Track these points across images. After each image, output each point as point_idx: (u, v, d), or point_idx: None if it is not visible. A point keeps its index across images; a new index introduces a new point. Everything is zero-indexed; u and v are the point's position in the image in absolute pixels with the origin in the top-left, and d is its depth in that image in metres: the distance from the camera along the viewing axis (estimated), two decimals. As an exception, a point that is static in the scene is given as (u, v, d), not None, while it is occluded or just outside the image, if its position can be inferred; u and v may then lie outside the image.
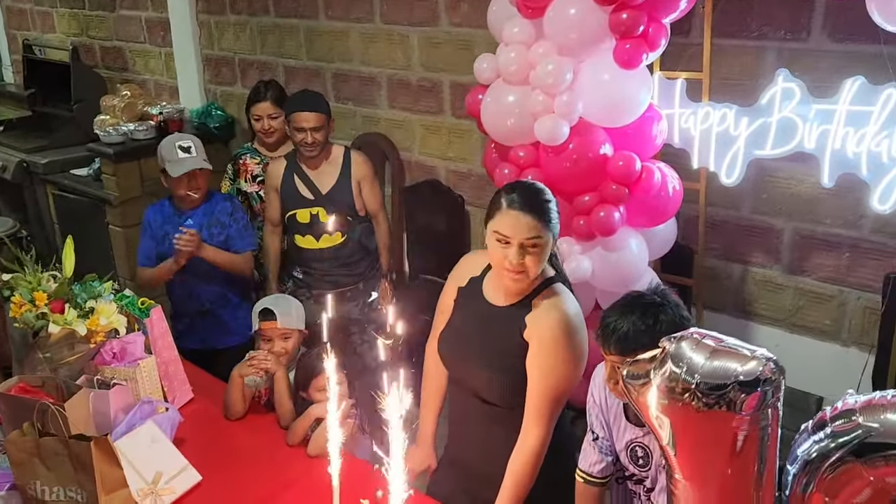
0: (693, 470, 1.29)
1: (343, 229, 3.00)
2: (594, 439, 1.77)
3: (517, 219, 1.68)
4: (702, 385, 1.19)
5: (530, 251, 1.67)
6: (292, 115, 2.90)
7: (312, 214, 2.96)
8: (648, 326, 1.54)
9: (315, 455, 2.11)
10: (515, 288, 1.75)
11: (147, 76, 5.35)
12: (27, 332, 2.07)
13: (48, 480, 1.80)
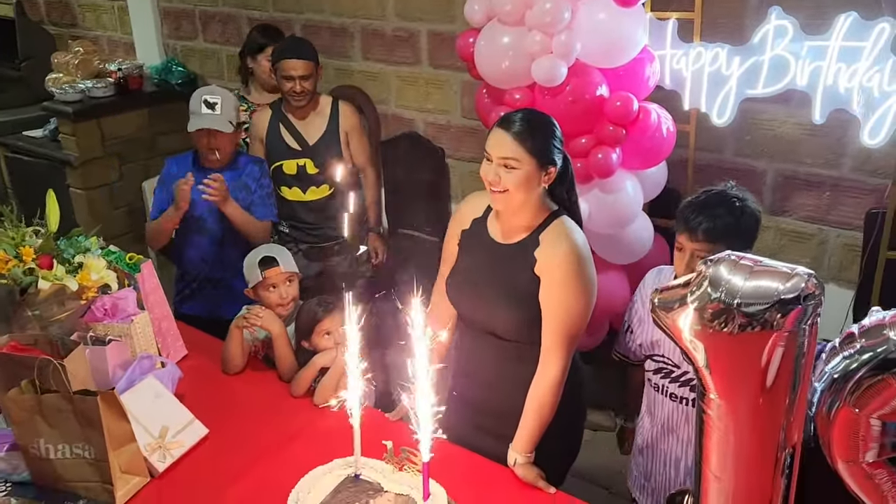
0: (728, 389, 1.31)
1: (330, 181, 2.93)
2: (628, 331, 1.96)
3: (498, 136, 1.72)
4: (743, 305, 1.21)
5: (506, 171, 1.70)
6: (280, 63, 2.79)
7: (299, 166, 2.89)
8: (736, 218, 1.70)
9: (321, 404, 2.09)
10: (514, 220, 1.77)
11: (99, 32, 5.11)
12: (14, 289, 1.98)
13: (52, 438, 1.74)
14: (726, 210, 1.73)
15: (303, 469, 1.76)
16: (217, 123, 2.52)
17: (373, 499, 1.60)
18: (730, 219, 1.72)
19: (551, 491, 1.73)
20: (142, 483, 1.81)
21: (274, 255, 2.26)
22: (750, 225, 1.77)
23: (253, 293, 2.30)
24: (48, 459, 1.75)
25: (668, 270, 1.98)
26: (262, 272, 2.24)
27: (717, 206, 1.75)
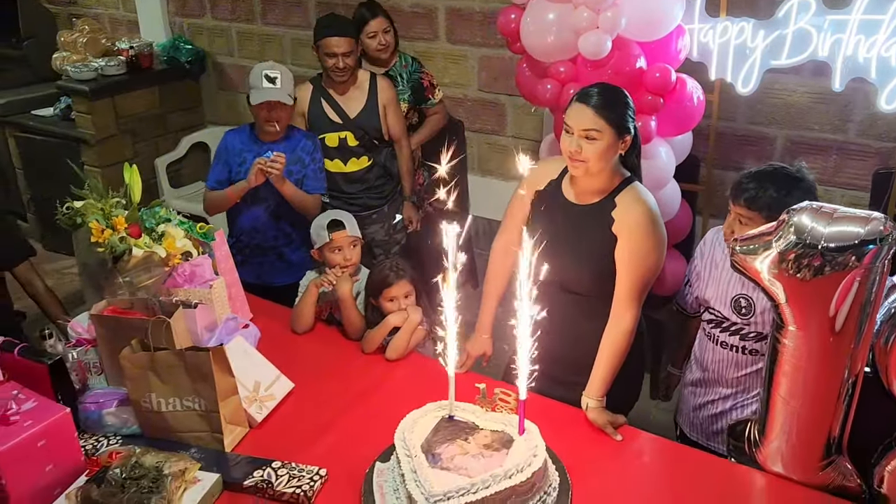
0: (804, 321, 1.50)
1: (370, 153, 3.07)
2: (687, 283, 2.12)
3: (579, 110, 1.87)
4: (827, 248, 1.39)
5: (587, 142, 1.85)
6: (323, 41, 2.90)
7: (341, 138, 3.01)
8: (781, 195, 1.82)
9: (394, 359, 2.25)
10: (591, 184, 1.93)
11: (100, 10, 5.10)
12: (107, 258, 2.09)
13: (163, 392, 1.87)
14: (774, 185, 1.85)
15: (388, 417, 1.90)
16: (278, 96, 2.63)
17: (471, 435, 1.76)
18: (773, 192, 1.84)
19: (618, 438, 1.92)
20: (243, 433, 1.96)
21: (342, 220, 2.40)
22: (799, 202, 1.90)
23: (318, 254, 2.44)
24: (159, 412, 1.88)
25: None
26: (330, 234, 2.37)
27: (767, 179, 1.87)
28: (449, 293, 1.70)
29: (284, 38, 4.34)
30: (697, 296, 2.13)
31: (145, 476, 1.66)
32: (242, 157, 2.73)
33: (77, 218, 2.10)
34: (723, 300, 2.05)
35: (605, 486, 1.79)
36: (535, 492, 1.65)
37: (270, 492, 1.74)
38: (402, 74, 3.15)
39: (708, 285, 2.08)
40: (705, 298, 2.10)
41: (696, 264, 2.15)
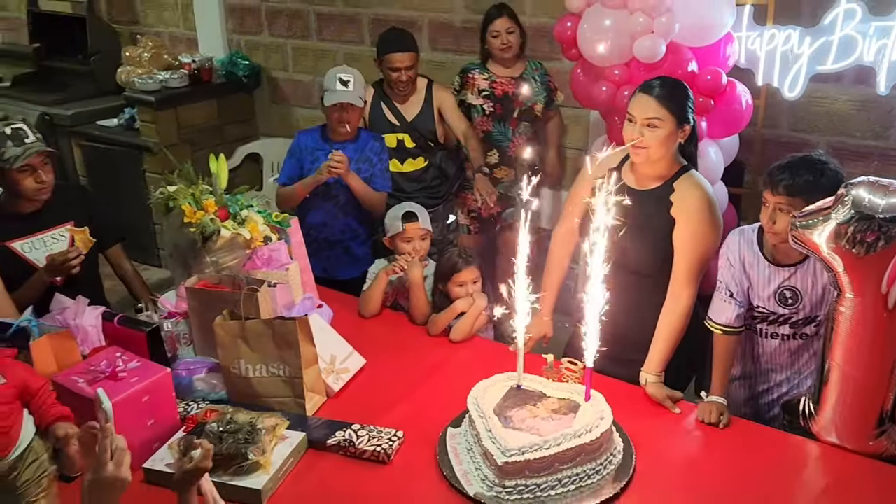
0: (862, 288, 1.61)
1: (425, 154, 3.25)
2: (730, 296, 2.05)
3: (642, 100, 2.01)
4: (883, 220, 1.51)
5: (649, 129, 1.98)
6: (386, 56, 3.09)
7: (398, 140, 3.20)
8: (815, 177, 1.91)
9: (458, 340, 2.38)
10: (651, 170, 2.06)
11: (161, 28, 5.36)
12: (196, 239, 2.25)
13: (251, 359, 2.01)
14: (807, 170, 1.95)
15: (455, 390, 2.03)
16: (350, 98, 2.81)
17: (539, 401, 1.88)
18: (809, 177, 1.93)
19: (676, 411, 2.02)
20: (322, 401, 2.09)
21: (415, 212, 2.55)
22: (830, 183, 1.90)
23: (390, 242, 2.59)
24: (247, 378, 2.02)
25: (748, 230, 2.13)
26: (403, 224, 2.52)
27: (799, 167, 1.96)
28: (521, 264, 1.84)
29: (338, 53, 4.55)
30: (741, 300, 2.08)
31: (240, 430, 1.79)
32: (315, 155, 2.90)
33: (170, 202, 2.26)
34: (765, 296, 2.08)
35: (666, 453, 1.89)
36: (602, 452, 1.76)
37: (352, 450, 1.87)
38: (534, 77, 3.30)
39: (750, 289, 2.10)
40: (750, 295, 2.15)
41: (732, 273, 2.06)
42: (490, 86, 3.33)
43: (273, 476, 1.75)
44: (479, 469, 1.76)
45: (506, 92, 3.29)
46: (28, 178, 2.26)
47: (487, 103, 3.32)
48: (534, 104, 3.32)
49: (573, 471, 1.72)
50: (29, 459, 1.56)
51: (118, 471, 1.25)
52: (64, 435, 1.62)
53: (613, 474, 1.77)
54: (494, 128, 3.34)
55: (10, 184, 2.27)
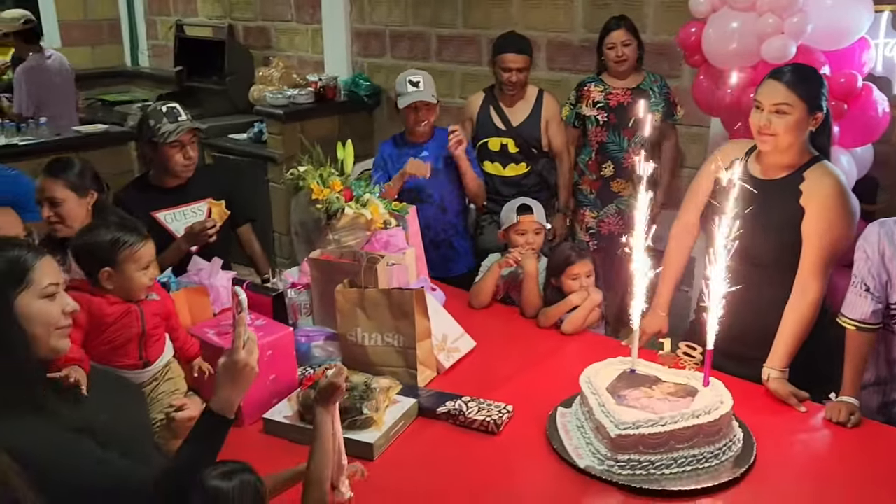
0: None
1: (528, 160, 3.31)
2: (866, 290, 1.93)
3: (771, 85, 1.97)
4: None
5: (777, 116, 1.93)
6: (501, 56, 3.19)
7: (503, 144, 3.29)
8: None
9: (569, 332, 2.37)
10: (779, 159, 2.00)
11: (291, 53, 5.71)
12: (321, 217, 2.37)
13: (368, 328, 2.08)
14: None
15: (565, 376, 2.01)
16: (423, 96, 2.93)
17: (654, 384, 1.83)
18: None
19: (802, 409, 1.92)
20: (432, 376, 2.12)
21: (530, 205, 2.58)
22: None
23: (504, 235, 2.62)
24: (362, 346, 2.09)
25: (890, 221, 2.03)
26: (518, 217, 2.55)
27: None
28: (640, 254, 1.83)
29: (456, 73, 4.70)
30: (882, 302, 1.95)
31: (356, 388, 1.85)
32: (400, 161, 2.99)
33: (299, 181, 2.39)
34: None
35: (788, 448, 1.80)
36: (721, 436, 1.70)
37: (461, 419, 1.88)
38: (653, 88, 3.32)
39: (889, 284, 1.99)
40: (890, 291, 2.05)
41: (869, 267, 1.93)
42: (605, 97, 3.35)
43: (385, 433, 1.79)
44: (591, 444, 1.73)
45: (620, 102, 3.30)
46: (177, 154, 2.46)
47: (602, 114, 3.33)
48: (651, 114, 3.30)
49: (690, 452, 1.66)
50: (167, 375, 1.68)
51: (249, 357, 1.35)
52: (199, 368, 1.74)
53: (733, 461, 1.70)
54: (609, 138, 3.34)
55: (161, 158, 2.48)
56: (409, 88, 2.97)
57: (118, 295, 1.68)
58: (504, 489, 1.67)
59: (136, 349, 1.70)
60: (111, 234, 1.68)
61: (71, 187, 2.20)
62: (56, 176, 2.20)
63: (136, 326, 1.69)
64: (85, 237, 1.71)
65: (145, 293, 1.72)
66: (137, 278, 1.69)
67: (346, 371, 1.50)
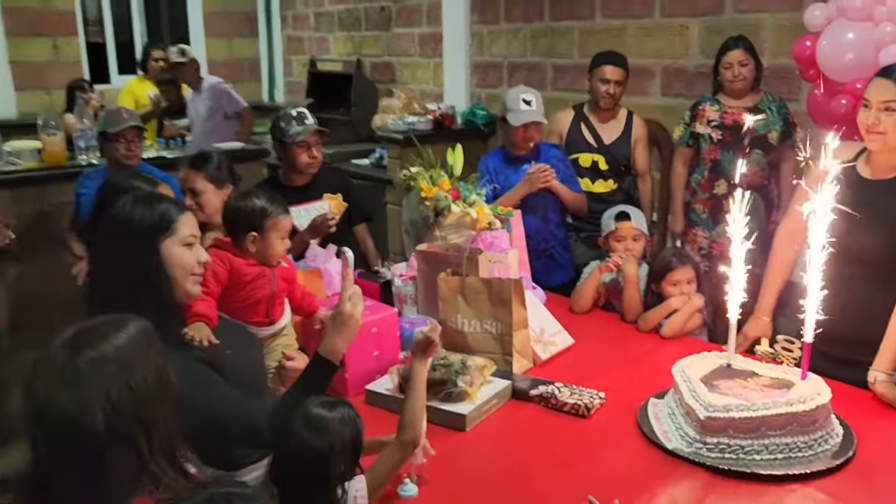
0: None
1: (616, 177, 3.40)
2: None
3: (879, 83, 1.96)
4: None
5: (886, 114, 1.91)
6: (599, 68, 3.34)
7: (593, 161, 3.38)
8: None
9: (669, 336, 2.37)
10: (890, 159, 1.97)
11: (413, 85, 6.03)
12: (429, 215, 2.52)
13: (468, 314, 2.18)
14: None
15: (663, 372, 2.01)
16: (535, 116, 3.03)
17: (750, 377, 1.82)
18: None
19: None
20: (528, 366, 2.19)
21: (629, 212, 2.63)
22: None
23: (604, 242, 2.67)
24: (462, 332, 2.19)
25: None
26: (616, 224, 2.60)
27: None
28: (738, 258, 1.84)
29: (569, 101, 4.78)
30: None
31: (452, 364, 1.95)
32: (505, 174, 3.11)
33: (410, 181, 2.56)
34: None
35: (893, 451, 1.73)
36: (816, 428, 1.66)
37: (553, 401, 1.93)
38: (770, 108, 3.32)
39: None
40: None
41: None
42: (720, 116, 3.35)
43: (477, 407, 1.87)
44: (680, 428, 1.74)
45: (736, 121, 3.28)
46: (304, 154, 2.70)
47: (716, 132, 3.33)
48: (767, 132, 3.26)
49: (783, 440, 1.64)
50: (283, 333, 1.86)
51: (353, 310, 1.50)
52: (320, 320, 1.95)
53: (830, 455, 1.66)
54: (722, 156, 3.32)
55: (289, 157, 2.73)
56: (522, 106, 3.08)
57: (256, 258, 1.91)
58: (590, 466, 1.70)
59: (264, 308, 1.92)
60: (262, 203, 1.92)
61: (210, 179, 2.47)
62: (198, 168, 2.48)
63: (268, 288, 1.91)
64: (238, 203, 1.96)
65: (279, 259, 1.94)
66: (276, 245, 1.92)
67: (440, 328, 1.61)
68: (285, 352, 1.81)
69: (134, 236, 1.47)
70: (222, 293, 1.84)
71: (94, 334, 1.11)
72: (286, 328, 1.99)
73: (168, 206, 1.52)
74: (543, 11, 4.82)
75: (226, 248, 1.92)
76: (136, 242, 1.47)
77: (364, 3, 6.30)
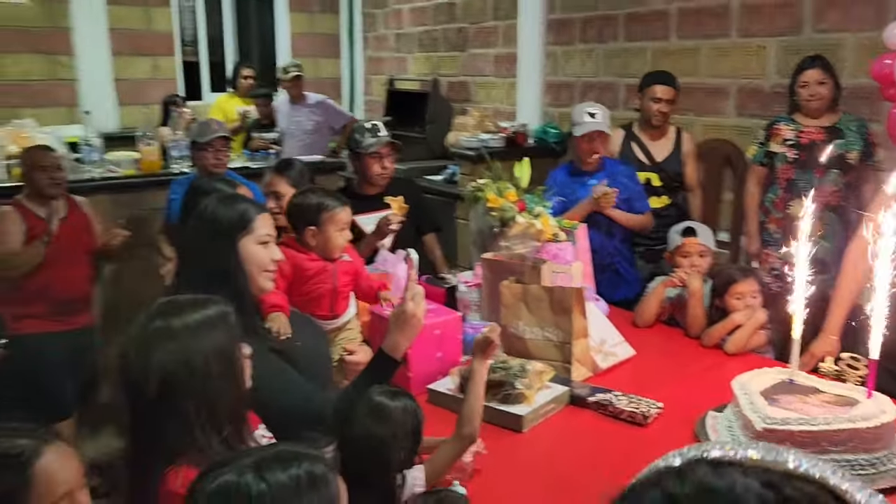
0: None
1: (670, 194, 3.43)
2: None
3: None
4: None
5: None
6: (650, 87, 3.42)
7: (647, 178, 3.42)
8: None
9: (732, 352, 2.36)
10: None
11: (487, 104, 6.14)
12: (495, 225, 2.59)
13: (529, 321, 2.24)
14: None
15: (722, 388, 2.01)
16: (599, 126, 3.09)
17: (812, 394, 1.80)
18: None
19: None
20: (587, 374, 2.22)
21: (695, 228, 2.63)
22: None
23: (669, 258, 2.68)
24: (522, 339, 2.24)
25: None
26: (682, 239, 2.61)
27: None
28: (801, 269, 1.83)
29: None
30: None
31: (511, 367, 2.00)
32: (571, 188, 3.15)
33: (478, 192, 2.64)
34: None
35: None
36: (881, 446, 1.64)
37: (611, 408, 1.96)
38: (849, 128, 3.27)
39: None
40: None
41: None
42: (796, 135, 3.30)
43: (534, 410, 1.92)
44: (737, 439, 1.74)
45: (813, 140, 3.23)
46: (376, 164, 2.83)
47: (791, 151, 3.28)
48: (846, 151, 3.19)
49: (844, 456, 1.62)
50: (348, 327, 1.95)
51: (416, 309, 1.57)
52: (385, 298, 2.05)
53: (893, 475, 1.62)
54: (797, 175, 3.27)
55: (362, 167, 2.86)
56: (585, 118, 3.16)
57: (318, 253, 2.01)
58: (645, 471, 1.72)
59: (328, 303, 2.01)
60: (318, 198, 2.03)
61: (292, 184, 2.62)
62: (281, 173, 2.64)
63: (329, 282, 2.00)
64: (297, 199, 2.08)
65: (340, 253, 2.04)
66: (335, 238, 2.02)
67: (499, 329, 1.68)
68: (347, 346, 1.91)
69: (215, 234, 1.60)
70: (289, 287, 1.95)
71: (174, 308, 1.23)
72: (350, 322, 2.09)
73: (247, 206, 1.65)
74: (618, 32, 4.86)
75: (290, 244, 2.04)
76: (217, 239, 1.60)
77: (442, 25, 6.47)
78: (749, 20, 4.06)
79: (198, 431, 1.19)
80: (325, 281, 2.01)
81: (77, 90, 6.18)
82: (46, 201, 2.92)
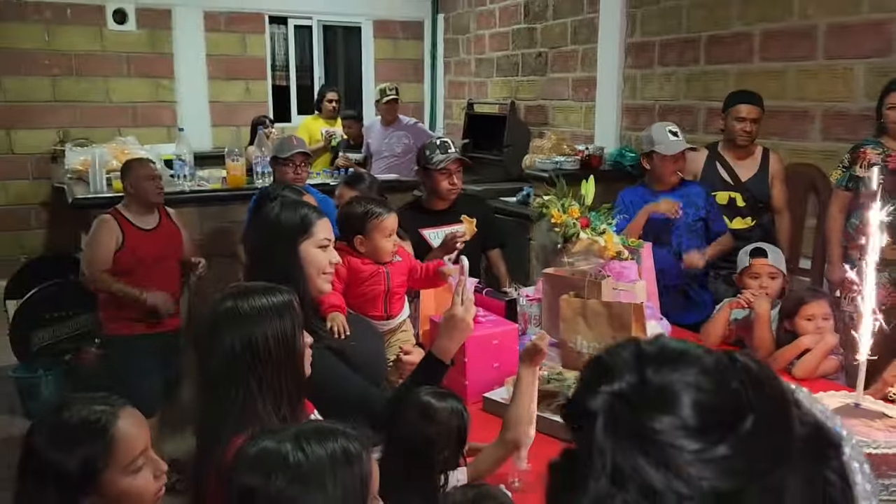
0: None
1: (754, 214, 3.35)
2: None
3: None
4: None
5: None
6: (734, 107, 3.37)
7: (731, 198, 3.36)
8: None
9: (800, 377, 2.28)
10: None
11: (565, 128, 6.16)
12: (558, 241, 2.61)
13: (587, 336, 2.24)
14: None
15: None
16: (685, 146, 3.10)
17: (878, 419, 1.73)
18: None
19: None
20: (645, 392, 2.20)
21: (765, 249, 2.57)
22: None
23: (738, 279, 2.62)
24: (580, 353, 2.25)
25: None
26: (750, 260, 2.55)
27: None
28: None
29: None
30: None
31: (567, 379, 2.02)
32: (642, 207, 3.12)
33: (543, 209, 2.67)
34: None
35: None
36: (948, 475, 1.56)
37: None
38: None
39: None
40: None
41: None
42: (883, 160, 3.17)
43: (587, 422, 1.92)
44: (795, 461, 1.69)
45: None
46: (444, 180, 2.90)
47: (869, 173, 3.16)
48: None
49: (906, 483, 1.55)
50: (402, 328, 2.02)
51: (465, 314, 1.61)
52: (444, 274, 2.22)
53: (961, 506, 1.54)
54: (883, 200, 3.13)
55: (432, 183, 2.94)
56: (670, 137, 3.15)
57: (369, 257, 2.10)
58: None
59: (382, 304, 2.09)
60: (364, 207, 2.12)
61: None
62: (352, 186, 2.75)
63: (383, 284, 2.08)
64: (345, 209, 2.17)
65: (390, 257, 2.12)
66: (382, 244, 2.10)
67: (548, 338, 1.70)
68: (402, 346, 1.97)
69: (278, 236, 1.70)
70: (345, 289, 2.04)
71: (244, 292, 1.33)
72: (405, 323, 2.15)
73: (308, 212, 1.74)
74: (699, 55, 4.80)
75: (345, 248, 2.12)
76: (279, 242, 1.70)
77: (522, 50, 6.56)
78: (836, 42, 3.95)
79: (259, 406, 1.27)
80: (378, 283, 2.10)
81: (176, 111, 6.60)
82: (145, 211, 3.13)
